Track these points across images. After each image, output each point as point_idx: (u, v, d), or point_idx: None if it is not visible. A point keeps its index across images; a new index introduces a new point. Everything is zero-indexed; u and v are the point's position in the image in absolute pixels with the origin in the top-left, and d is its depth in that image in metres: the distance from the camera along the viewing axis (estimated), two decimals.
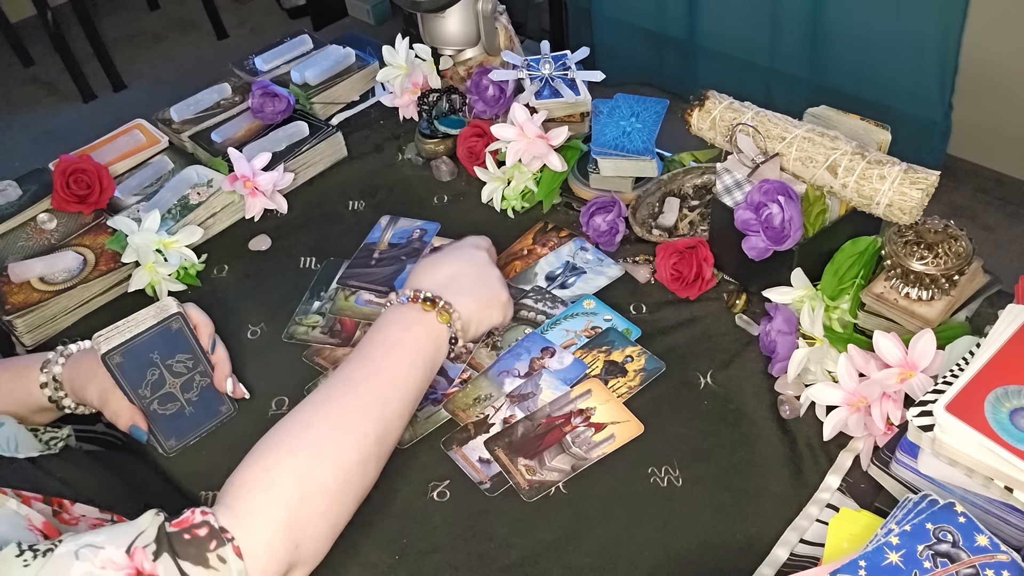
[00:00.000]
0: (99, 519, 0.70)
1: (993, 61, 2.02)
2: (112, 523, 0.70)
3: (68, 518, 0.68)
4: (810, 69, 2.29)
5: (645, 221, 1.02)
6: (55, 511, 0.67)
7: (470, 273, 0.86)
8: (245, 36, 3.42)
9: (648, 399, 0.84)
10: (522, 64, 1.06)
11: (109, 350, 0.76)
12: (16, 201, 1.12)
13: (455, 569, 0.73)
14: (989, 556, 0.58)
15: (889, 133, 0.85)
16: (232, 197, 1.10)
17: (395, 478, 0.80)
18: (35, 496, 0.67)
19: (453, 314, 0.81)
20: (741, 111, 0.88)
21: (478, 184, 1.10)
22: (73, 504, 0.69)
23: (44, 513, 0.66)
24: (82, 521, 0.69)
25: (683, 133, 0.94)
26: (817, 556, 0.70)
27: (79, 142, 1.23)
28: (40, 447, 0.75)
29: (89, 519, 0.69)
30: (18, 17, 3.37)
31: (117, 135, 1.23)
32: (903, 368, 0.74)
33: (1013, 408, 0.60)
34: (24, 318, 0.97)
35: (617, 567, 0.72)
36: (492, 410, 0.85)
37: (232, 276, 1.06)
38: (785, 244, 0.83)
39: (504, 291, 0.87)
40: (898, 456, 0.70)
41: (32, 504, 0.66)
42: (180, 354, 0.81)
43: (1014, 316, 0.66)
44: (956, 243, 0.79)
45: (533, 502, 0.77)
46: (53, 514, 0.67)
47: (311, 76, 1.26)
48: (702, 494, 0.76)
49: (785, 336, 0.81)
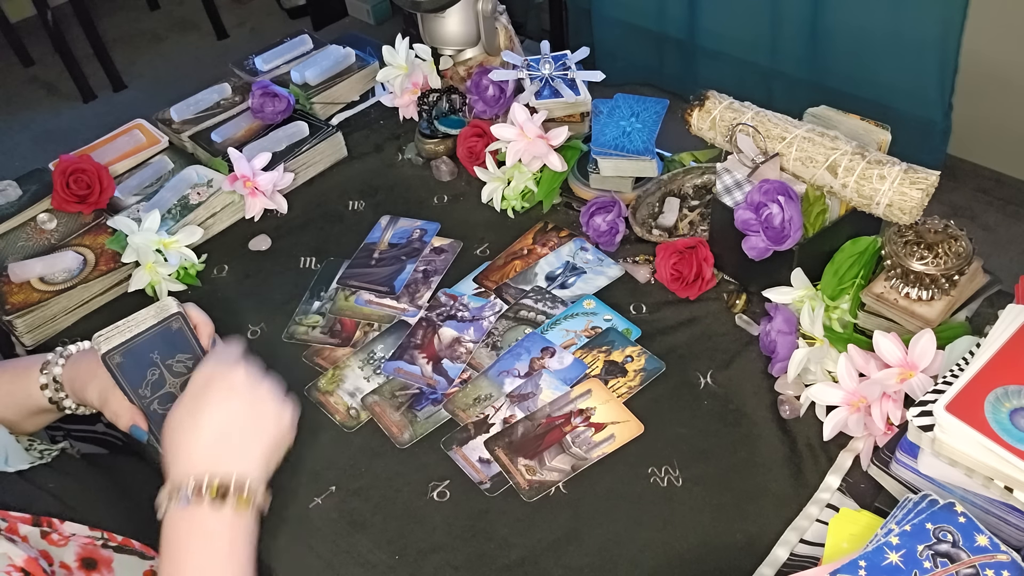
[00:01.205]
0: (89, 538, 0.70)
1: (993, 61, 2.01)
2: (103, 541, 0.71)
3: (57, 539, 0.68)
4: (810, 69, 2.29)
5: (645, 221, 1.02)
6: (44, 531, 0.67)
7: (239, 412, 0.71)
8: (245, 36, 3.42)
9: (648, 399, 0.84)
10: (522, 64, 1.06)
11: (109, 350, 0.76)
12: (16, 201, 1.12)
13: (455, 569, 0.73)
14: (989, 556, 0.58)
15: (889, 133, 0.85)
16: (232, 197, 1.10)
17: (395, 478, 0.80)
18: (23, 518, 0.67)
19: (253, 487, 0.69)
20: (741, 111, 0.88)
21: (478, 184, 1.10)
22: (63, 523, 0.69)
23: (31, 536, 0.66)
24: (71, 540, 0.69)
25: (683, 133, 0.94)
26: (817, 556, 0.70)
27: (79, 142, 1.24)
28: (31, 458, 0.75)
29: (79, 538, 0.69)
30: (18, 17, 3.37)
31: (117, 135, 1.23)
32: (903, 368, 0.74)
33: (1013, 408, 0.60)
34: (24, 318, 0.97)
35: (617, 567, 0.72)
36: (492, 410, 0.85)
37: (232, 276, 1.06)
38: (785, 244, 0.83)
39: (281, 407, 0.73)
40: (898, 456, 0.70)
41: (19, 529, 0.65)
42: (180, 354, 0.81)
43: (1014, 316, 0.66)
44: (956, 243, 0.79)
45: (533, 502, 0.77)
46: (42, 535, 0.67)
47: (311, 76, 1.26)
48: (702, 494, 0.76)
49: (785, 336, 0.81)
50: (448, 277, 1.01)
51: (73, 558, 0.68)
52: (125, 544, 0.72)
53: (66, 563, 0.67)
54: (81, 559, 0.68)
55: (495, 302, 0.96)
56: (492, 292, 0.98)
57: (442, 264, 1.02)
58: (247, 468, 0.69)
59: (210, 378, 0.72)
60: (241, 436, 0.70)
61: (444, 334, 0.93)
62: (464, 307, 0.96)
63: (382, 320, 0.96)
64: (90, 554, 0.69)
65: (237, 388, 0.72)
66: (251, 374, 0.73)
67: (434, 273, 1.01)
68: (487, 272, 1.01)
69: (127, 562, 0.72)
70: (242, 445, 0.70)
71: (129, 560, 0.72)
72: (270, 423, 0.72)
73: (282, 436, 0.73)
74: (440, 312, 0.96)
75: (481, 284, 0.99)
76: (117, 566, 0.71)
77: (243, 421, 0.71)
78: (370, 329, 0.95)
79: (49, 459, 0.76)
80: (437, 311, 0.96)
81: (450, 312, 0.96)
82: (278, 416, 0.73)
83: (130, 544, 0.73)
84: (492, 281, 0.99)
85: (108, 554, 0.71)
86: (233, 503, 0.67)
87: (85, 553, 0.69)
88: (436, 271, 1.01)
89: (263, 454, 0.71)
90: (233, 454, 0.69)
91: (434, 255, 1.04)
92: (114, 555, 0.71)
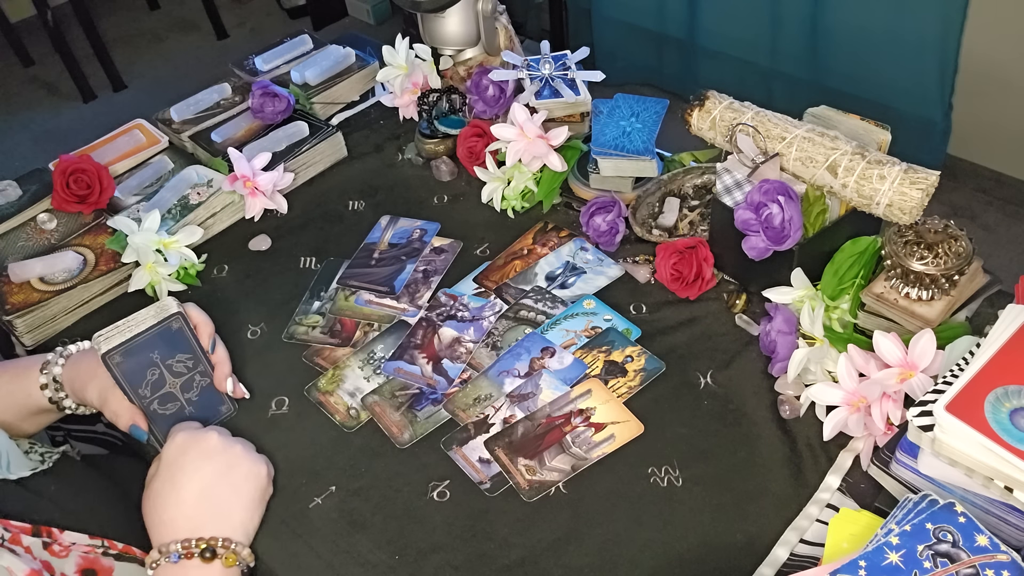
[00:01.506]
0: (90, 546, 0.70)
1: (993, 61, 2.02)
2: (103, 549, 0.71)
3: (58, 549, 0.68)
4: (810, 69, 2.29)
5: (645, 221, 1.02)
6: (45, 542, 0.67)
7: (216, 476, 0.73)
8: (245, 36, 3.42)
9: (648, 399, 0.84)
10: (522, 64, 1.06)
11: (109, 350, 0.76)
12: (16, 201, 1.12)
13: (455, 569, 0.73)
14: (989, 556, 0.58)
15: (889, 133, 0.85)
16: (232, 197, 1.10)
17: (395, 478, 0.80)
18: (24, 528, 0.67)
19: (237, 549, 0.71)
20: (741, 111, 0.88)
21: (478, 184, 1.10)
22: (63, 532, 0.69)
23: (34, 547, 0.66)
24: (73, 550, 0.69)
25: (683, 133, 0.94)
26: (817, 556, 0.70)
27: (79, 142, 1.23)
28: (31, 464, 0.75)
29: (80, 547, 0.69)
30: (18, 17, 3.38)
31: (117, 135, 1.23)
32: (903, 368, 0.74)
33: (1013, 408, 0.60)
34: (24, 318, 0.97)
35: (617, 567, 0.72)
36: (492, 410, 0.85)
37: (232, 276, 1.06)
38: (785, 244, 0.83)
39: (256, 465, 0.76)
40: (898, 456, 0.70)
41: (21, 540, 0.65)
42: (180, 354, 0.81)
43: (1014, 316, 0.66)
44: (956, 243, 0.79)
45: (533, 502, 0.77)
46: (43, 546, 0.67)
47: (311, 76, 1.26)
48: (702, 494, 0.76)
49: (785, 336, 0.81)
50: (448, 277, 1.01)
51: (74, 569, 0.68)
52: (126, 552, 0.72)
53: (67, 574, 0.67)
54: (82, 570, 0.68)
55: (495, 302, 0.96)
56: (492, 292, 0.98)
57: (442, 264, 1.02)
58: (231, 531, 0.72)
59: (184, 446, 0.75)
60: (220, 500, 0.73)
61: (444, 334, 0.93)
62: (464, 307, 0.96)
63: (382, 320, 0.96)
64: (91, 564, 0.69)
65: (211, 452, 0.74)
66: (223, 436, 0.76)
67: (434, 273, 1.01)
68: (487, 272, 1.01)
69: (128, 570, 0.72)
70: (222, 508, 0.72)
71: (130, 568, 0.72)
72: (248, 483, 0.75)
73: (261, 493, 0.76)
74: (440, 312, 0.96)
75: (481, 284, 0.99)
76: (118, 574, 0.71)
77: (221, 485, 0.73)
78: (370, 329, 0.95)
79: (50, 463, 0.76)
80: (437, 311, 0.96)
81: (450, 312, 0.96)
82: (255, 475, 0.76)
83: (131, 552, 0.73)
84: (492, 281, 0.99)
85: (109, 563, 0.71)
86: (221, 562, 0.70)
87: (86, 563, 0.69)
88: (436, 271, 1.01)
89: (244, 514, 0.74)
90: (215, 518, 0.72)
91: (434, 255, 1.04)
92: (115, 564, 0.71)
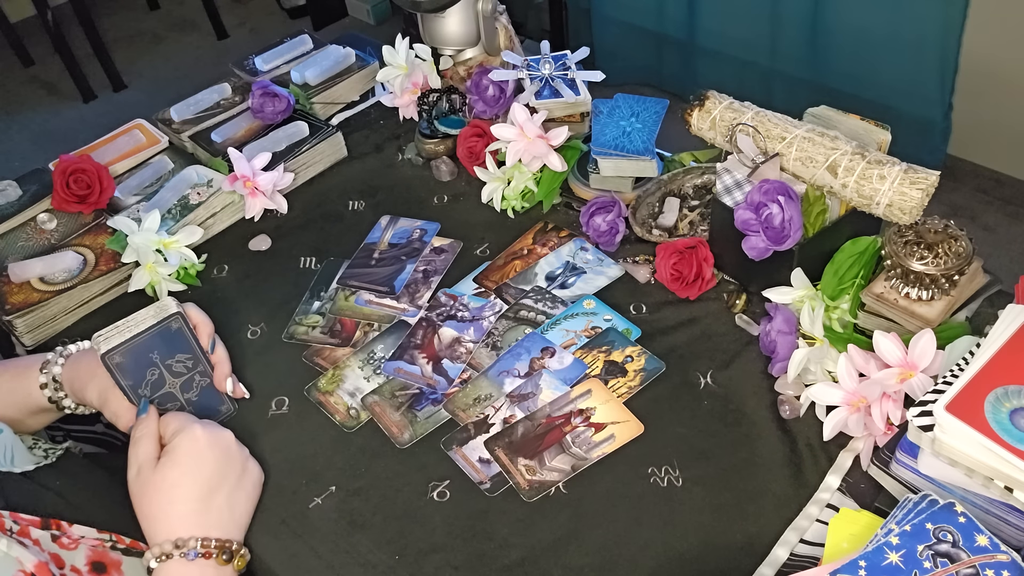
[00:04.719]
0: (98, 539, 0.70)
1: (993, 61, 2.02)
2: (112, 543, 0.71)
3: (67, 542, 0.68)
4: (810, 69, 2.29)
5: (645, 221, 1.02)
6: (54, 535, 0.67)
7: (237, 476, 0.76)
8: (245, 36, 3.42)
9: (648, 399, 0.84)
10: (522, 64, 1.05)
11: (109, 350, 0.76)
12: (16, 201, 1.12)
13: (455, 569, 0.73)
14: (989, 556, 0.58)
15: (889, 133, 0.85)
16: (232, 197, 1.10)
17: (395, 478, 0.80)
18: (32, 520, 0.67)
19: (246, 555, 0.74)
20: (741, 111, 0.88)
21: (478, 184, 1.10)
22: (71, 525, 0.69)
23: (43, 540, 0.66)
24: (82, 543, 0.69)
25: (683, 133, 0.94)
26: (817, 556, 0.70)
27: (79, 142, 1.23)
28: (35, 459, 0.75)
29: (88, 540, 0.69)
30: (18, 17, 3.38)
31: (117, 135, 1.23)
32: (903, 368, 0.74)
33: (1013, 408, 0.60)
34: (24, 318, 0.97)
35: (617, 567, 0.72)
36: (492, 410, 0.85)
37: (232, 276, 1.06)
38: (785, 244, 0.83)
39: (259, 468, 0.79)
40: (898, 456, 0.70)
41: (30, 532, 0.66)
42: (180, 354, 0.81)
43: (1014, 316, 0.66)
44: (956, 243, 0.79)
45: (533, 502, 0.77)
46: (52, 539, 0.67)
47: (311, 76, 1.26)
48: (702, 494, 0.76)
49: (785, 336, 0.81)
50: (448, 277, 1.01)
51: (83, 562, 0.68)
52: (133, 547, 0.72)
53: (76, 567, 0.67)
54: (91, 563, 0.69)
55: (495, 302, 0.96)
56: (492, 292, 0.98)
57: (442, 264, 1.02)
58: (240, 535, 0.74)
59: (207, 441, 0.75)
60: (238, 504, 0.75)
61: (444, 334, 0.93)
62: (464, 307, 0.96)
63: (382, 320, 0.96)
64: (100, 557, 0.69)
65: (232, 455, 0.76)
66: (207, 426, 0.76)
67: (434, 273, 1.01)
68: (487, 272, 1.01)
69: (136, 565, 0.72)
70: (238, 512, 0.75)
71: (137, 563, 0.72)
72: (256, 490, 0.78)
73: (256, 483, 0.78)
74: (440, 312, 0.96)
75: (481, 284, 0.99)
76: (126, 569, 0.71)
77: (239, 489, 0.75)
78: (370, 329, 0.95)
79: (54, 458, 0.76)
80: (437, 311, 0.96)
81: (450, 312, 0.96)
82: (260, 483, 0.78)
83: (138, 547, 0.73)
84: (492, 281, 0.99)
85: (117, 557, 0.71)
86: (233, 565, 0.71)
87: (95, 556, 0.69)
88: (436, 271, 1.01)
89: (249, 519, 0.76)
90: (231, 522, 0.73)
91: (434, 255, 1.04)
92: (123, 558, 0.71)
